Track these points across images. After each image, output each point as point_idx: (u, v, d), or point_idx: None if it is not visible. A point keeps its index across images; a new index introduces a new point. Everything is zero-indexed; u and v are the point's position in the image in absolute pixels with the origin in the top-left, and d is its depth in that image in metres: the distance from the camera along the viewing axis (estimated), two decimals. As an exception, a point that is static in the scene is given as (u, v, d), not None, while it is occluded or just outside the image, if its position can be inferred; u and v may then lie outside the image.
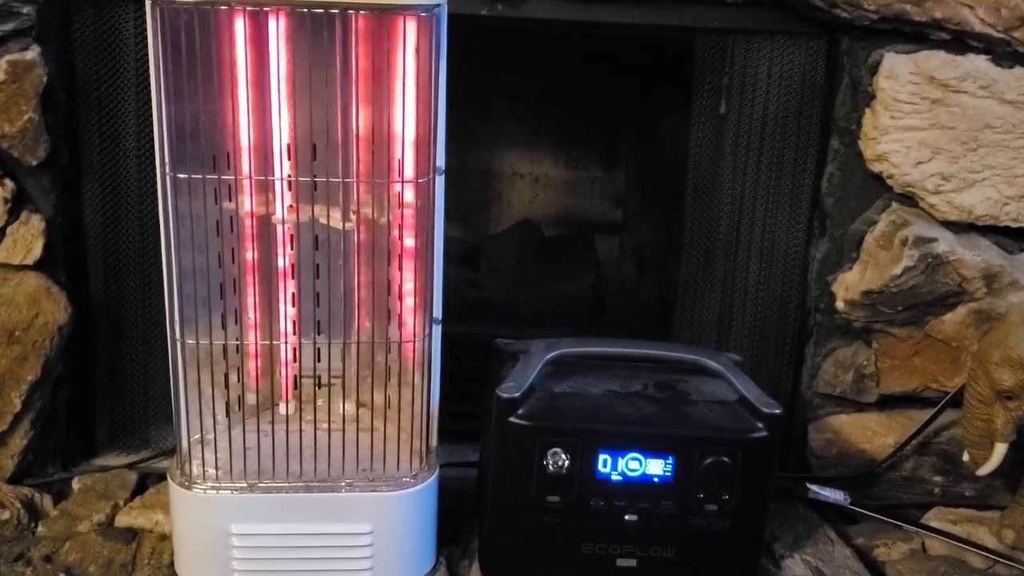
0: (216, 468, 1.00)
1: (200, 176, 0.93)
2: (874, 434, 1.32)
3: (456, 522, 1.16)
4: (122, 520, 1.16)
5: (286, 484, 1.00)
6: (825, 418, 1.34)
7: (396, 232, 1.00)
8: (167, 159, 0.92)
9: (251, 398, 1.08)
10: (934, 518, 1.27)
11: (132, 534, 1.13)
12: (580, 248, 1.67)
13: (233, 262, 1.02)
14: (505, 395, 0.99)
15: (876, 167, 1.24)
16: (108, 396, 1.31)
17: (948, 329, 1.26)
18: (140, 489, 1.24)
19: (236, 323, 1.02)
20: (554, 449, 1.00)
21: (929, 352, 1.28)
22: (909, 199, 1.24)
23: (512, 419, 0.99)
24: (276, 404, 1.09)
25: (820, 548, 1.18)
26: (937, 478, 1.33)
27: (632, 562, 1.04)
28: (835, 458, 1.33)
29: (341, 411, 1.08)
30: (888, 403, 1.32)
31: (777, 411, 1.01)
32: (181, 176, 0.92)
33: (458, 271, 1.60)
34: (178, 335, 0.96)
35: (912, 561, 1.19)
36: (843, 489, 1.25)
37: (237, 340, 1.01)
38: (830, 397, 1.33)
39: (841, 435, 1.33)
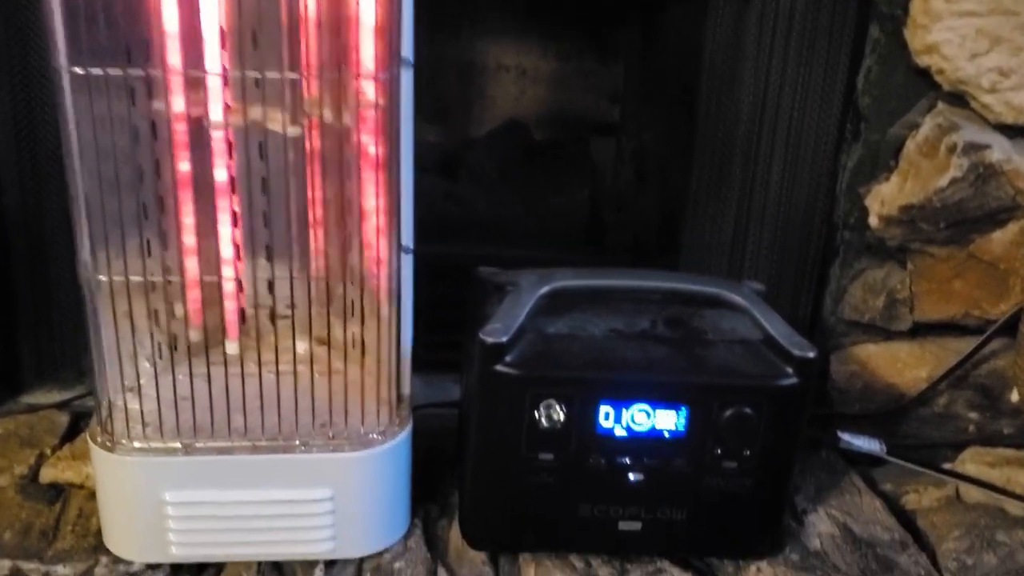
0: (144, 424, 0.84)
1: (103, 72, 0.74)
2: (905, 366, 1.17)
3: (432, 472, 1.01)
4: (47, 474, 1.00)
5: (229, 443, 0.84)
6: (850, 348, 1.19)
7: (355, 138, 0.82)
8: (63, 49, 0.73)
9: (194, 335, 0.92)
10: (970, 460, 1.14)
11: (57, 491, 0.97)
12: (573, 154, 1.48)
13: (159, 177, 0.84)
14: (490, 340, 0.83)
15: (924, 60, 1.05)
16: (33, 325, 1.15)
17: (996, 249, 1.10)
18: (72, 433, 1.09)
19: (165, 249, 0.85)
20: (548, 401, 0.84)
21: (972, 274, 1.12)
22: (959, 99, 1.07)
23: (498, 367, 0.83)
24: (216, 345, 0.92)
25: (846, 500, 1.04)
26: (972, 414, 1.19)
27: (636, 525, 0.90)
28: (859, 392, 1.19)
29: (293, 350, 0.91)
30: (921, 331, 1.17)
31: (811, 355, 0.85)
32: (79, 71, 0.73)
33: (434, 182, 1.41)
34: (89, 268, 0.79)
35: (946, 512, 1.05)
36: (878, 437, 1.10)
37: (169, 276, 0.83)
38: (856, 324, 1.18)
39: (867, 367, 1.18)
